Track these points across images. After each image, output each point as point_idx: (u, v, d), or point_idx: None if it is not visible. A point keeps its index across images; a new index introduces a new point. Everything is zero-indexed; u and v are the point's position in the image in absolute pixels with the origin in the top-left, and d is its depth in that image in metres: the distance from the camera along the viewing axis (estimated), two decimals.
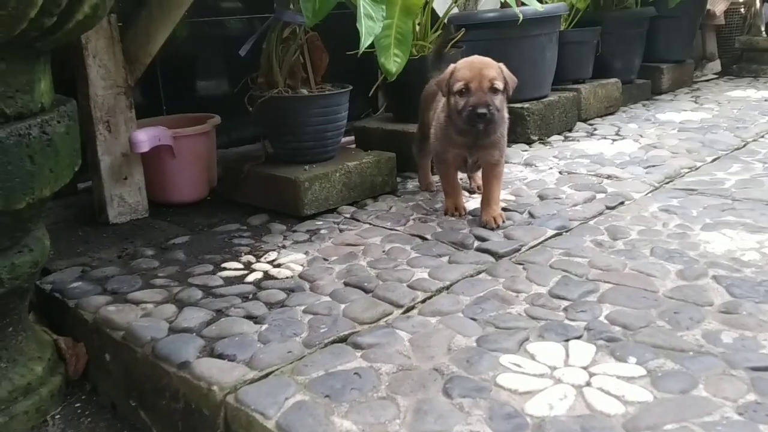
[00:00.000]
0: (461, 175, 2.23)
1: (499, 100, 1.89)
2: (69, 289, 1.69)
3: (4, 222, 1.27)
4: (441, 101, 2.06)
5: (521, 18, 2.63)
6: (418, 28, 2.64)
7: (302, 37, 2.25)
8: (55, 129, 1.31)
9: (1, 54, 1.20)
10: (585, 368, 1.20)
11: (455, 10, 3.06)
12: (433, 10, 2.73)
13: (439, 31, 2.70)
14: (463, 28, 2.74)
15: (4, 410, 1.37)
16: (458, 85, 1.88)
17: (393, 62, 2.20)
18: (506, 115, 2.01)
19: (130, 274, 1.76)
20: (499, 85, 1.88)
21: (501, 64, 1.93)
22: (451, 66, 1.95)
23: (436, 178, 2.35)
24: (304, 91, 2.27)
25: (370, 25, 1.91)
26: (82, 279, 1.74)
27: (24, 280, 1.38)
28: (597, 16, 3.54)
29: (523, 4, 2.64)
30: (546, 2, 3.21)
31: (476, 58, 1.95)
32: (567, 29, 3.34)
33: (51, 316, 1.70)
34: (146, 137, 2.09)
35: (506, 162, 2.65)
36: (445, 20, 2.78)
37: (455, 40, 2.68)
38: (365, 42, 1.90)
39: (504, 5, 3.15)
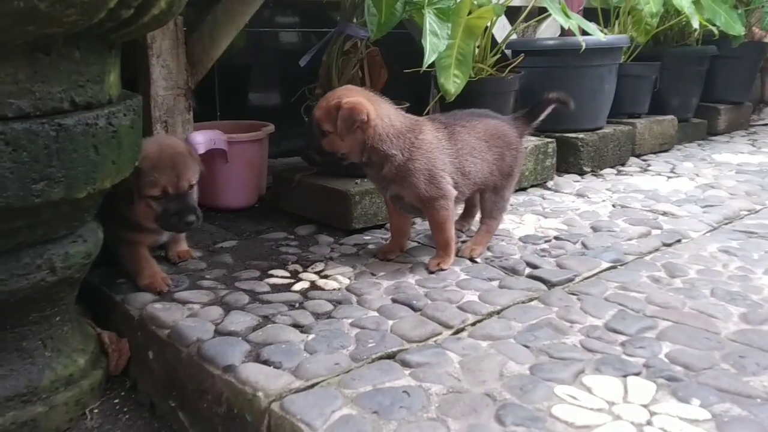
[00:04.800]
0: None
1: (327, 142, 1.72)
2: (116, 284, 1.68)
3: (63, 210, 1.27)
4: None
5: (584, 47, 2.60)
6: (477, 50, 2.62)
7: (363, 51, 2.24)
8: (120, 122, 1.31)
9: (76, 42, 1.20)
10: (645, 406, 1.14)
11: (514, 36, 3.04)
12: (492, 35, 2.71)
13: (498, 55, 2.67)
14: (522, 54, 2.71)
15: (45, 399, 1.36)
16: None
17: (452, 83, 2.18)
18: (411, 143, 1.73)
19: (178, 274, 1.75)
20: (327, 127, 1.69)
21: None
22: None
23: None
24: None
25: (434, 42, 1.90)
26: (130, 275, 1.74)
27: (76, 270, 1.37)
28: (657, 52, 3.48)
29: (585, 33, 2.62)
30: (606, 34, 3.17)
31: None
32: (626, 62, 3.29)
33: (96, 309, 1.69)
34: (203, 140, 2.10)
35: (557, 191, 2.61)
36: (503, 46, 2.76)
37: (514, 65, 2.65)
38: (429, 58, 1.88)
39: (565, 33, 3.12)
